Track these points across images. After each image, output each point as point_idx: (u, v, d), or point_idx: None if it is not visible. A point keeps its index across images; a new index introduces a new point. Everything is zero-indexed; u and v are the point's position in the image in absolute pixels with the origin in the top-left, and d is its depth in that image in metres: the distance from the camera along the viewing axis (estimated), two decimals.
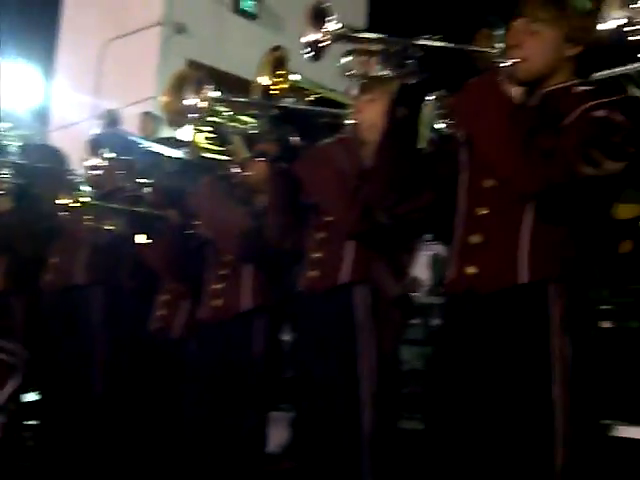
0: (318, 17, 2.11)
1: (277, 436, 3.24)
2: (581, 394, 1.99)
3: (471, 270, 2.07)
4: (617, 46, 1.68)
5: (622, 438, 3.11)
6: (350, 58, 2.18)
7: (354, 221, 2.53)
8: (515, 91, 2.12)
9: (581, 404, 1.98)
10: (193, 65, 6.82)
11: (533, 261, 1.99)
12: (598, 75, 1.80)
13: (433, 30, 2.21)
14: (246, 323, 2.94)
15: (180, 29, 7.16)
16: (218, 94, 2.69)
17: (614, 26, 1.66)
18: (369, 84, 2.68)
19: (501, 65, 2.07)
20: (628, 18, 1.63)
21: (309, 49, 2.12)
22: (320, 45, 2.10)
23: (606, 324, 3.94)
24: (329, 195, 2.59)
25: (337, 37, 2.09)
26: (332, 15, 2.08)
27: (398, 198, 2.29)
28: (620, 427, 3.14)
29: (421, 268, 4.67)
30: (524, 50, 2.05)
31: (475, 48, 2.15)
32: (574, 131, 1.94)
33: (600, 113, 1.91)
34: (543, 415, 1.94)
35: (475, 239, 2.09)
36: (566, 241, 2.02)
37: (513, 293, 2.01)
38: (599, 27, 1.70)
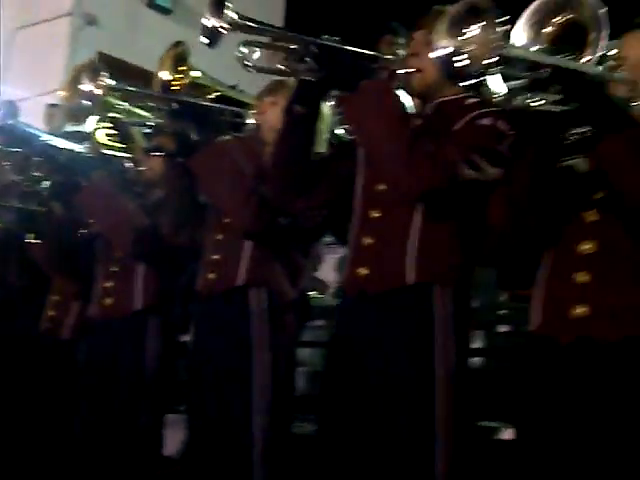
0: (218, 5, 2.10)
1: (175, 439, 3.19)
2: (464, 397, 2.02)
3: (363, 271, 2.11)
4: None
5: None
6: (246, 50, 2.17)
7: (249, 220, 2.52)
8: (409, 100, 2.15)
9: (464, 406, 2.02)
10: (103, 57, 6.67)
11: (420, 263, 2.04)
12: (490, 90, 1.83)
13: (346, 31, 2.22)
14: (139, 323, 2.89)
15: (91, 20, 6.98)
16: (114, 82, 2.63)
17: (442, 54, 1.78)
18: (274, 87, 2.68)
19: (397, 72, 2.10)
20: (455, 47, 1.74)
21: (206, 35, 2.10)
22: (216, 32, 2.08)
23: (503, 328, 4.05)
24: (225, 192, 2.56)
25: (233, 26, 2.08)
26: (230, 3, 2.07)
27: (294, 196, 2.30)
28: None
29: (328, 270, 4.70)
30: (420, 60, 2.09)
31: (374, 53, 2.17)
32: (459, 136, 2.00)
33: (486, 121, 1.97)
34: (425, 416, 1.97)
35: (367, 241, 2.12)
36: (453, 245, 2.07)
37: (400, 294, 2.05)
38: (430, 55, 1.83)
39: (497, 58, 1.60)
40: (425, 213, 2.06)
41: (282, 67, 2.17)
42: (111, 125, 2.94)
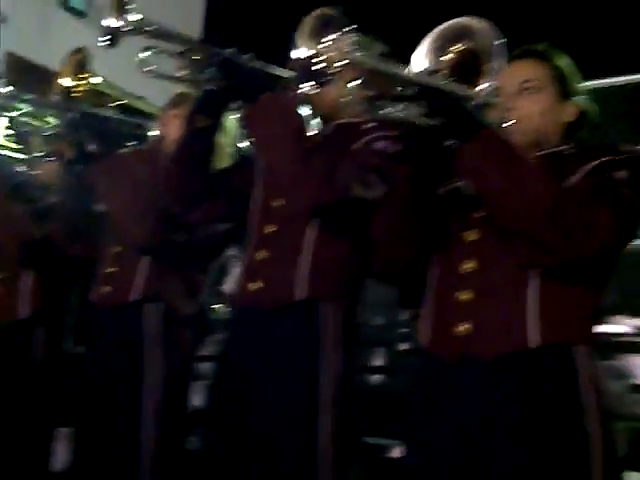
0: (121, 5, 2.06)
1: (65, 453, 3.10)
2: (349, 415, 2.03)
3: (254, 286, 2.09)
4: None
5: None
6: (148, 53, 2.13)
7: (145, 235, 2.47)
8: (309, 118, 2.16)
9: (349, 423, 2.03)
10: (12, 57, 6.49)
11: (311, 279, 2.05)
12: (385, 112, 1.86)
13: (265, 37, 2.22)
14: (24, 331, 2.82)
15: (1, 19, 6.78)
16: (10, 89, 2.55)
17: (302, 56, 1.90)
18: (178, 99, 2.66)
19: (299, 91, 2.11)
20: (316, 51, 1.84)
21: (105, 35, 2.05)
22: (117, 33, 2.04)
23: (404, 346, 4.10)
24: (122, 205, 2.51)
25: (135, 28, 2.05)
26: (133, 5, 2.04)
27: (190, 207, 2.27)
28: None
29: (235, 283, 4.65)
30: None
31: (277, 72, 2.18)
32: (353, 156, 2.03)
33: (381, 145, 2.00)
34: (308, 433, 1.96)
35: (261, 255, 2.12)
36: (346, 261, 2.09)
37: (290, 309, 2.05)
38: (292, 54, 1.95)
39: (346, 62, 1.68)
40: (319, 229, 2.07)
41: (183, 75, 2.14)
42: (8, 125, 2.85)
